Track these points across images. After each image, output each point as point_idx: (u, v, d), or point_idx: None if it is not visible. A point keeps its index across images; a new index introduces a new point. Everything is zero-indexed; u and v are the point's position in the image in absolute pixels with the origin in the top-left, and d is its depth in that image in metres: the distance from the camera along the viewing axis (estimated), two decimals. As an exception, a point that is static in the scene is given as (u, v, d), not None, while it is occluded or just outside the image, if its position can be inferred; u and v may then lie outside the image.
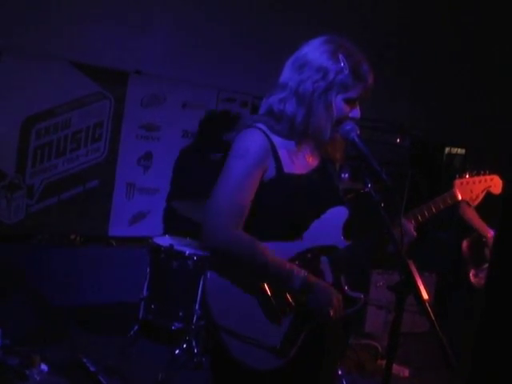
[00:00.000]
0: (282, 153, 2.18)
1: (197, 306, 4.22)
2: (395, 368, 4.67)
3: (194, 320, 4.25)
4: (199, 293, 4.20)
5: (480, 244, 4.39)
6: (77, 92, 5.19)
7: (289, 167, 2.18)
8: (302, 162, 2.24)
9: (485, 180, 2.48)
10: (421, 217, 2.32)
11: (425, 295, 1.86)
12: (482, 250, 4.39)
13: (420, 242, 2.39)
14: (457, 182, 2.43)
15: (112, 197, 5.52)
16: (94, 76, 5.24)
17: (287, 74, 2.20)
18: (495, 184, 2.51)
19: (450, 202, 2.38)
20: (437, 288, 5.89)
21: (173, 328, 4.29)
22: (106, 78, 5.30)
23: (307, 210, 2.19)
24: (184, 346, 4.22)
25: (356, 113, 2.20)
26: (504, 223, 3.08)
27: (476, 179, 2.46)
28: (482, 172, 2.49)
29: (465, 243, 4.49)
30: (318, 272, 2.18)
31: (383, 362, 4.50)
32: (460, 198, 2.42)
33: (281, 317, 2.12)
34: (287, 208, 2.17)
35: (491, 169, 2.53)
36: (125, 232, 5.66)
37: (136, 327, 4.44)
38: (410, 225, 2.26)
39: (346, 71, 2.12)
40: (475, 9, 6.29)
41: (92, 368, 3.80)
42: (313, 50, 2.17)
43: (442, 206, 2.35)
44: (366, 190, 2.07)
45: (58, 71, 5.08)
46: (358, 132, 2.17)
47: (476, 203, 2.47)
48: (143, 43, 5.31)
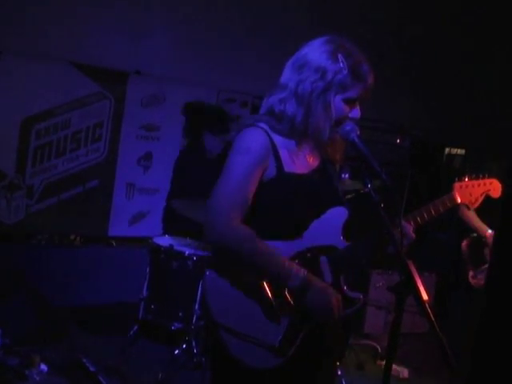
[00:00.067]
0: (283, 152, 2.18)
1: (196, 306, 4.22)
2: (395, 368, 4.68)
3: (194, 320, 4.24)
4: (199, 293, 4.20)
5: (479, 245, 4.39)
6: (77, 92, 5.19)
7: (289, 166, 2.19)
8: (303, 162, 2.24)
9: (484, 183, 2.50)
10: (420, 219, 2.32)
11: (424, 296, 1.86)
12: (482, 251, 4.39)
13: (420, 243, 2.39)
14: (456, 185, 2.44)
15: (112, 197, 5.52)
16: (94, 76, 5.24)
17: (287, 75, 2.21)
18: (494, 188, 2.52)
19: (450, 205, 2.39)
20: (436, 288, 5.89)
21: (172, 328, 4.28)
22: (106, 78, 5.31)
23: (307, 210, 2.19)
24: (184, 346, 4.22)
25: (356, 113, 2.20)
26: (504, 223, 3.09)
27: (475, 182, 2.48)
28: (481, 175, 2.51)
29: (464, 243, 4.49)
30: (318, 272, 2.18)
31: (383, 363, 4.48)
32: (459, 201, 2.43)
33: (280, 316, 2.12)
34: (287, 207, 2.17)
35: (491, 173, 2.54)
36: (125, 232, 5.67)
37: (136, 327, 4.44)
38: (409, 227, 2.26)
39: (345, 71, 2.12)
40: (476, 9, 6.29)
41: (92, 368, 3.80)
42: (313, 51, 2.17)
43: (442, 209, 2.36)
44: (366, 191, 2.07)
45: (58, 71, 5.09)
46: (358, 132, 2.17)
47: (475, 206, 2.49)
48: (143, 43, 5.31)
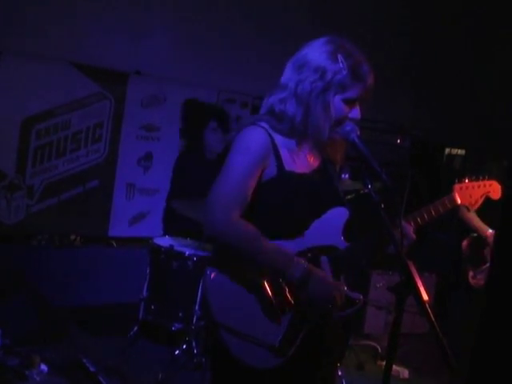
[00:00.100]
0: (284, 152, 2.19)
1: (197, 307, 4.22)
2: (395, 369, 4.68)
3: (194, 320, 4.24)
4: (199, 293, 4.20)
5: (479, 244, 4.39)
6: (77, 92, 5.19)
7: (290, 166, 2.19)
8: (304, 162, 2.25)
9: (484, 185, 2.51)
10: (420, 220, 2.33)
11: (424, 296, 1.86)
12: (482, 251, 4.39)
13: (420, 243, 2.40)
14: (456, 187, 2.46)
15: (112, 197, 5.52)
16: (94, 76, 5.24)
17: (287, 75, 2.21)
18: (494, 189, 2.53)
19: (450, 206, 2.40)
20: (437, 289, 5.89)
21: (173, 328, 4.28)
22: (106, 79, 5.31)
23: (308, 209, 2.19)
24: (184, 347, 4.22)
25: (355, 113, 2.20)
26: (504, 223, 3.09)
27: (475, 184, 2.49)
28: (481, 177, 2.52)
29: (465, 243, 4.49)
30: (318, 272, 2.18)
31: (383, 363, 4.50)
32: (459, 203, 2.45)
33: (280, 315, 2.12)
34: (288, 206, 2.17)
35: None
36: (125, 232, 5.66)
37: (136, 328, 4.44)
38: (410, 227, 2.27)
39: (345, 71, 2.12)
40: (476, 9, 6.29)
41: (92, 368, 3.80)
42: (313, 51, 2.18)
43: (442, 210, 2.37)
44: (366, 191, 2.07)
45: (58, 72, 5.09)
46: (358, 133, 2.17)
47: (475, 208, 2.50)
48: (143, 44, 5.31)
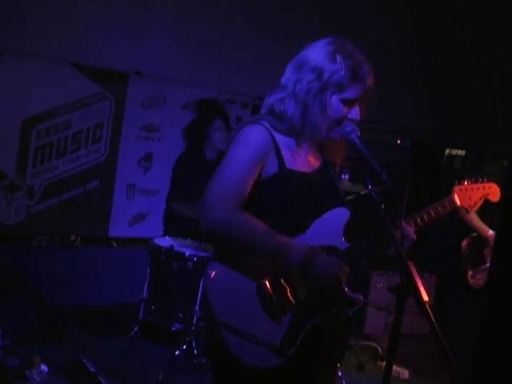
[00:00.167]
0: (285, 151, 2.19)
1: (197, 307, 4.22)
2: (395, 369, 4.68)
3: (194, 321, 4.24)
4: (199, 294, 4.20)
5: (479, 244, 4.40)
6: (77, 93, 5.20)
7: (291, 164, 2.19)
8: (304, 162, 2.25)
9: (483, 187, 2.54)
10: (420, 221, 2.34)
11: (425, 297, 1.86)
12: (481, 251, 4.40)
13: (420, 244, 2.40)
14: (456, 189, 2.48)
15: (112, 198, 5.52)
16: (95, 77, 5.25)
17: (287, 75, 2.23)
18: (493, 192, 2.56)
19: (449, 208, 2.43)
20: (437, 289, 5.89)
21: (173, 329, 4.29)
22: (107, 79, 5.31)
23: (308, 209, 2.19)
24: (184, 347, 4.22)
25: (355, 114, 2.20)
26: (505, 224, 3.09)
27: (474, 186, 2.52)
28: (481, 179, 2.55)
29: (464, 242, 4.50)
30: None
31: (383, 364, 4.50)
32: (459, 205, 2.47)
33: (281, 315, 2.12)
34: (288, 204, 2.16)
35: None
36: (125, 233, 5.67)
37: (136, 328, 4.44)
38: (410, 228, 2.27)
39: (342, 72, 2.12)
40: (476, 10, 6.29)
41: (92, 369, 3.80)
42: (313, 51, 2.19)
43: (442, 212, 2.38)
44: (367, 192, 2.07)
45: (59, 72, 5.10)
46: (359, 133, 2.17)
47: (474, 210, 2.53)
48: (143, 44, 5.31)
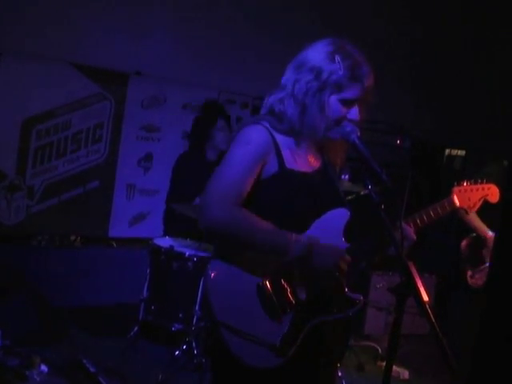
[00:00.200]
0: (285, 151, 2.20)
1: (197, 307, 4.22)
2: (395, 370, 4.68)
3: (194, 321, 4.24)
4: (199, 294, 4.20)
5: (478, 244, 4.40)
6: (77, 93, 5.20)
7: (291, 164, 2.20)
8: (305, 162, 2.25)
9: (482, 188, 2.55)
10: (420, 222, 2.34)
11: (425, 297, 1.87)
12: (480, 251, 4.40)
13: (420, 244, 2.41)
14: (455, 189, 2.50)
15: (112, 198, 5.52)
16: (95, 77, 5.25)
17: (287, 75, 2.23)
18: (492, 193, 2.58)
19: (449, 209, 2.44)
20: (437, 289, 5.89)
21: (173, 329, 4.29)
22: (107, 80, 5.32)
23: (308, 209, 2.19)
24: (184, 347, 4.22)
25: (354, 114, 2.20)
26: (504, 224, 3.09)
27: (473, 187, 2.54)
28: (480, 180, 2.56)
29: (464, 242, 4.50)
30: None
31: (383, 364, 4.50)
32: (458, 205, 2.48)
33: (281, 315, 2.12)
34: (288, 204, 2.17)
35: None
36: (125, 233, 5.67)
37: (136, 328, 4.44)
38: (410, 229, 2.28)
39: (341, 72, 2.13)
40: (476, 10, 6.29)
41: (92, 369, 3.80)
42: (312, 52, 2.20)
43: (441, 213, 2.39)
44: (367, 192, 2.07)
45: (59, 72, 5.10)
46: (359, 134, 2.17)
47: (473, 211, 2.54)
48: (143, 44, 5.31)
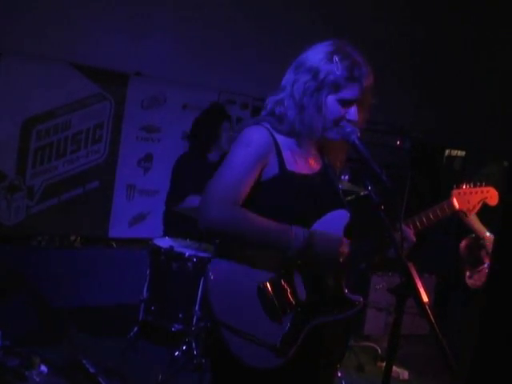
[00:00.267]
0: (286, 152, 2.20)
1: (197, 308, 4.22)
2: (395, 370, 4.68)
3: (194, 322, 4.24)
4: (199, 294, 4.20)
5: (477, 245, 4.41)
6: (77, 93, 5.20)
7: (292, 166, 2.20)
8: (305, 164, 2.26)
9: (481, 191, 2.58)
10: (419, 224, 2.36)
11: (424, 298, 1.87)
12: (479, 252, 4.41)
13: (420, 246, 2.41)
14: (454, 192, 2.51)
15: (112, 198, 5.52)
16: (95, 77, 5.25)
17: (287, 76, 2.24)
18: (491, 196, 2.61)
19: (448, 212, 2.46)
20: (436, 290, 5.89)
21: (173, 329, 4.28)
22: (107, 80, 5.31)
23: (309, 211, 2.20)
24: (184, 348, 4.22)
25: (353, 115, 2.20)
26: (504, 225, 3.10)
27: (473, 190, 2.56)
28: (479, 183, 2.59)
29: (463, 243, 4.51)
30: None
31: (383, 364, 4.50)
32: (457, 208, 2.50)
33: (281, 315, 2.12)
34: (289, 206, 2.17)
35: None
36: (125, 233, 5.67)
37: (136, 329, 4.44)
38: (410, 231, 2.28)
39: (338, 72, 2.13)
40: (476, 10, 6.29)
41: (92, 369, 3.80)
42: (312, 53, 2.21)
43: (441, 215, 2.41)
44: (366, 193, 2.08)
45: (59, 73, 5.10)
46: (359, 134, 2.18)
47: (472, 213, 2.56)
48: (143, 45, 5.31)
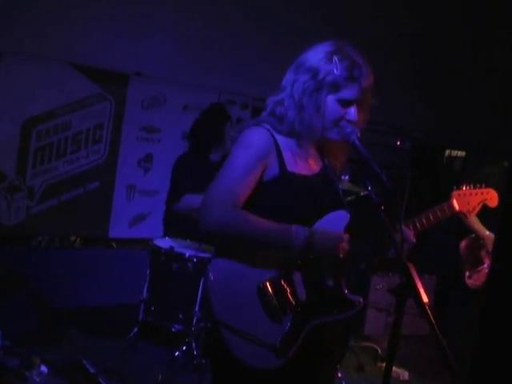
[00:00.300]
0: (286, 153, 2.20)
1: (197, 308, 4.22)
2: (395, 370, 4.68)
3: (194, 322, 4.24)
4: (199, 295, 4.20)
5: (477, 245, 4.41)
6: (77, 94, 5.20)
7: (292, 167, 2.20)
8: (305, 165, 2.26)
9: (481, 193, 2.59)
10: (419, 225, 2.36)
11: (424, 298, 1.87)
12: (479, 252, 4.41)
13: (420, 246, 2.41)
14: (454, 193, 2.52)
15: (112, 198, 5.52)
16: (95, 78, 5.25)
17: (287, 76, 2.24)
18: (491, 197, 2.62)
19: (448, 213, 2.46)
20: (436, 290, 5.89)
21: (173, 330, 4.28)
22: (107, 80, 5.32)
23: (309, 211, 2.20)
24: (184, 348, 4.22)
25: (352, 115, 2.20)
26: (504, 225, 3.09)
27: (472, 191, 2.57)
28: (479, 185, 2.60)
29: (463, 243, 4.51)
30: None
31: (383, 365, 4.50)
32: (457, 209, 2.51)
33: (282, 316, 2.12)
34: (289, 207, 2.17)
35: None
36: (125, 234, 5.67)
37: (136, 329, 4.44)
38: (410, 231, 2.28)
39: (338, 72, 2.13)
40: (476, 10, 6.30)
41: (92, 370, 3.80)
42: (312, 53, 2.21)
43: (440, 216, 2.41)
44: (366, 193, 2.08)
45: (59, 73, 5.10)
46: (359, 134, 2.18)
47: (472, 215, 2.56)
48: (144, 45, 5.32)
